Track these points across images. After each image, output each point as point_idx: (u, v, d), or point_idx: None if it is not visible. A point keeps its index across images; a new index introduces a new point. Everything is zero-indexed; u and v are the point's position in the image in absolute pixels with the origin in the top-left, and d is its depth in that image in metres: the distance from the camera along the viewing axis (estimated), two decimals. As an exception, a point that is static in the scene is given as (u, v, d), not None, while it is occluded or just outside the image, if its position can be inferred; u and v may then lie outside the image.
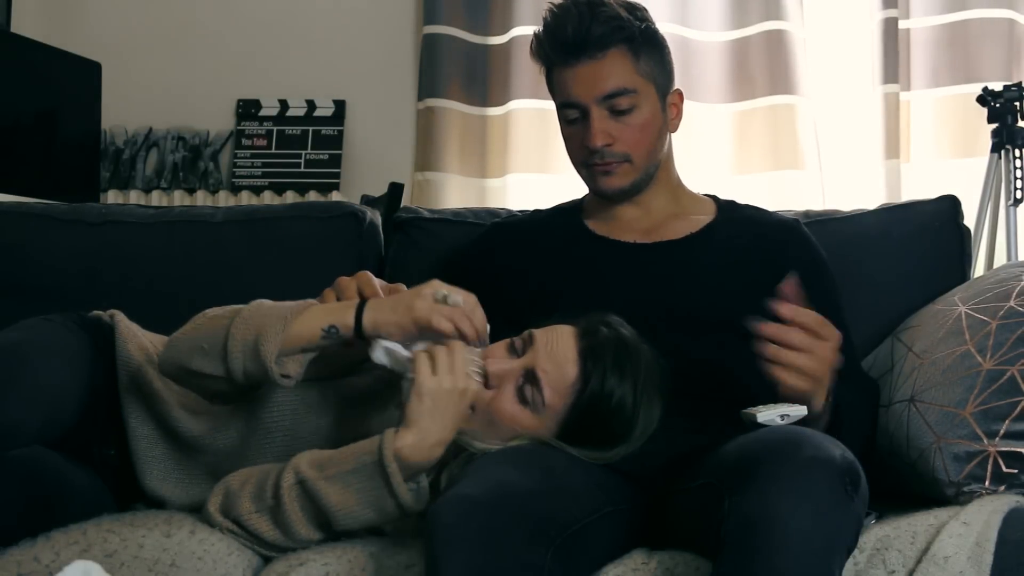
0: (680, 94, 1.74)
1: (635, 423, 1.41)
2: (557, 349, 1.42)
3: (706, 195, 1.82)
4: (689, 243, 1.70)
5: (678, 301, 1.62)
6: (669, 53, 1.72)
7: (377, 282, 1.50)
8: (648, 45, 1.67)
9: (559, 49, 1.66)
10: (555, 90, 1.71)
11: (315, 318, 1.36)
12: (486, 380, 1.38)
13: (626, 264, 1.68)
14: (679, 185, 1.79)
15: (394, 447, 1.28)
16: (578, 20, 1.63)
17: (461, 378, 1.30)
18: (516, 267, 1.73)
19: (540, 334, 1.44)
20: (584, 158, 1.69)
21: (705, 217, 1.74)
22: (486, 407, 1.41)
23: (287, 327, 1.34)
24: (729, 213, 1.76)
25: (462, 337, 1.35)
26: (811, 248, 1.74)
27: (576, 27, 1.63)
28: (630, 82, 1.64)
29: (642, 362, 1.43)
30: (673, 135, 1.77)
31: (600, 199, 1.75)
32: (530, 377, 1.41)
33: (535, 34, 1.70)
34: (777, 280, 1.63)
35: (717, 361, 1.59)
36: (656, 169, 1.72)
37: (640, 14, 1.68)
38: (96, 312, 1.62)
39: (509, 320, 1.67)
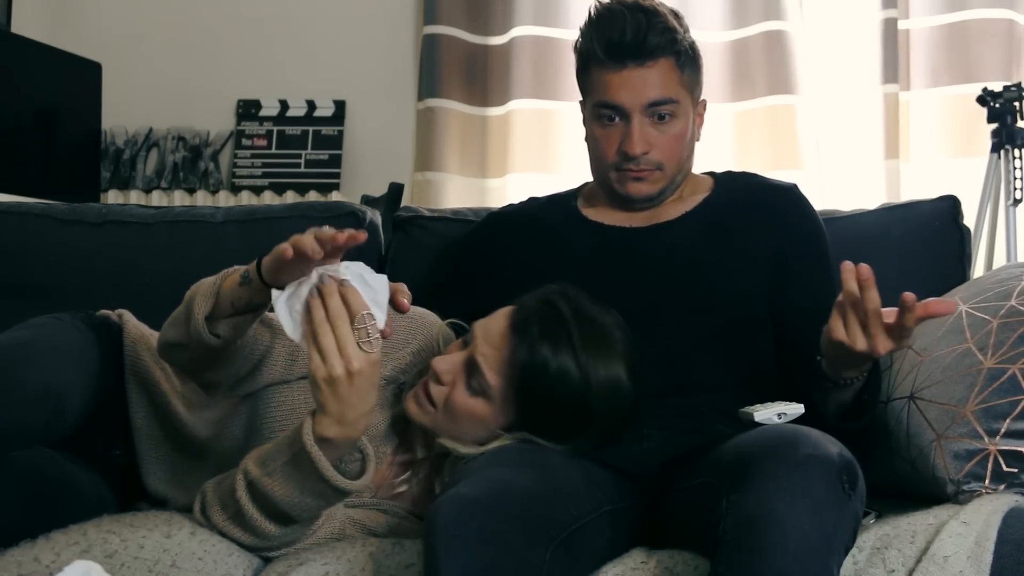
0: (705, 104, 1.75)
1: (589, 395, 1.38)
2: (491, 330, 1.43)
3: (705, 173, 1.82)
4: (684, 222, 1.69)
5: (673, 287, 1.62)
6: (700, 61, 1.73)
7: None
8: (691, 57, 1.69)
9: (610, 51, 1.65)
10: (592, 88, 1.69)
11: (239, 272, 1.36)
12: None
13: (621, 249, 1.68)
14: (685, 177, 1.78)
15: (315, 432, 1.24)
16: (636, 27, 1.62)
17: (353, 359, 1.21)
18: (513, 255, 1.73)
19: (479, 323, 1.45)
20: (617, 162, 1.68)
21: (701, 194, 1.74)
22: (443, 405, 1.42)
23: (220, 286, 1.36)
24: (726, 185, 1.76)
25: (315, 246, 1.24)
26: (808, 212, 1.74)
27: (635, 33, 1.62)
28: (674, 92, 1.65)
29: (580, 329, 1.39)
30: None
31: (622, 203, 1.73)
32: (472, 365, 1.42)
33: (581, 30, 1.69)
34: (775, 244, 1.65)
35: (715, 352, 1.60)
36: (683, 179, 1.72)
37: (685, 24, 1.70)
38: (104, 311, 1.62)
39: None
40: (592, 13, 1.68)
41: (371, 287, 1.25)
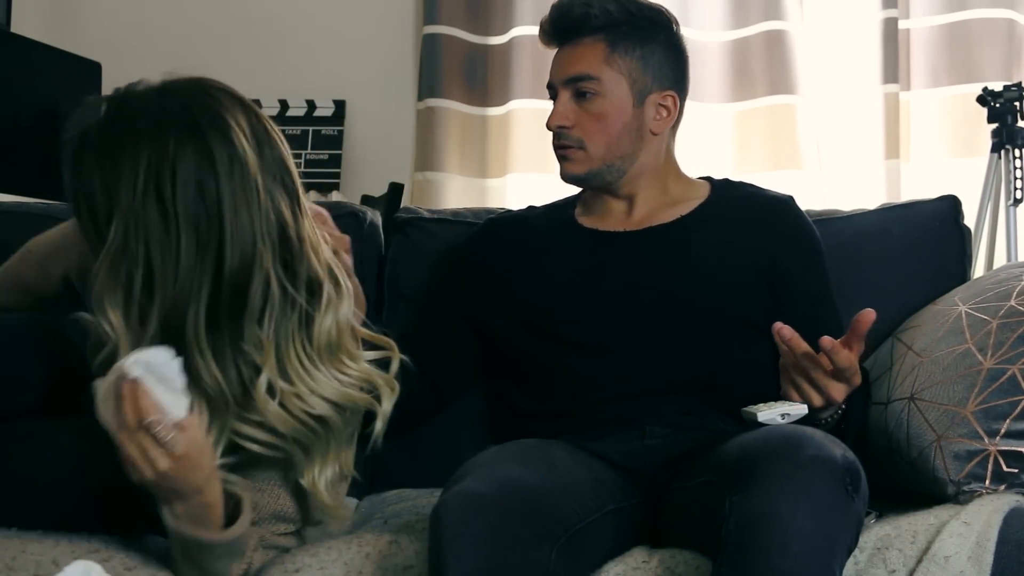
0: (673, 98, 1.72)
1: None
2: None
3: (702, 178, 1.81)
4: (679, 225, 1.69)
5: (670, 285, 1.62)
6: (665, 53, 1.71)
7: None
8: (631, 41, 1.67)
9: (544, 33, 1.72)
10: None
11: None
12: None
13: (615, 252, 1.68)
14: (674, 177, 1.77)
15: (172, 522, 1.28)
16: (560, 7, 1.69)
17: (156, 460, 1.23)
18: (511, 262, 1.74)
19: None
20: (552, 139, 1.71)
21: (698, 199, 1.74)
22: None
23: None
24: (723, 192, 1.76)
25: None
26: (803, 223, 1.74)
27: (556, 14, 1.69)
28: (596, 70, 1.66)
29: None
30: (672, 136, 1.77)
31: (570, 184, 1.76)
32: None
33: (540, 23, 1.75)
34: (770, 251, 1.65)
35: (714, 350, 1.60)
36: (627, 166, 1.69)
37: (635, 10, 1.69)
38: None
39: (508, 314, 1.68)
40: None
41: (160, 374, 1.25)
